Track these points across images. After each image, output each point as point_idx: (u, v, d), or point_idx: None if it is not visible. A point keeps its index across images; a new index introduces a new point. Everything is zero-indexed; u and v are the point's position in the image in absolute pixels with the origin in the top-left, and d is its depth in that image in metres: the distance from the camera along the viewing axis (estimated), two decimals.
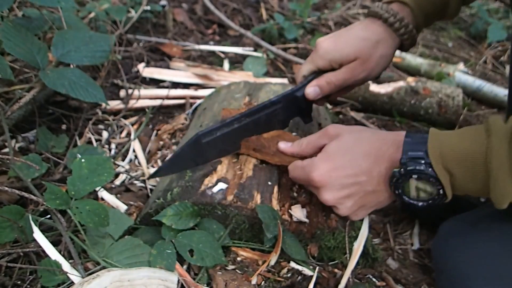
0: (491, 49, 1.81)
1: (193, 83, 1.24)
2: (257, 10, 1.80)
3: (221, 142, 0.71)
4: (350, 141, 0.63)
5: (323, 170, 0.61)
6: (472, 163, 0.52)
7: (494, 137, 0.50)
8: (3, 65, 0.69)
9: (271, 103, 0.74)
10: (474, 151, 0.52)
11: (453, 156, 0.53)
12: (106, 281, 0.55)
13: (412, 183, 0.57)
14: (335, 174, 0.61)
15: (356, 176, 0.61)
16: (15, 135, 0.88)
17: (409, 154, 0.56)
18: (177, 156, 0.71)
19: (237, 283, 0.61)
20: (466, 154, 0.52)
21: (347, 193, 0.62)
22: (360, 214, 0.66)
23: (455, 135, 0.55)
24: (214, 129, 0.70)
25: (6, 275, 0.62)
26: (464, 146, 0.53)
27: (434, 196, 0.57)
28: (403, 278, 0.73)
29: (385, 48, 0.73)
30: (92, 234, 0.65)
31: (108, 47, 0.85)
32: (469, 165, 0.52)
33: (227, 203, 0.65)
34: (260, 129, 0.75)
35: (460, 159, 0.53)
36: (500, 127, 0.51)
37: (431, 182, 0.55)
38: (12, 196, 0.74)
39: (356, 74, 0.73)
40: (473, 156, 0.52)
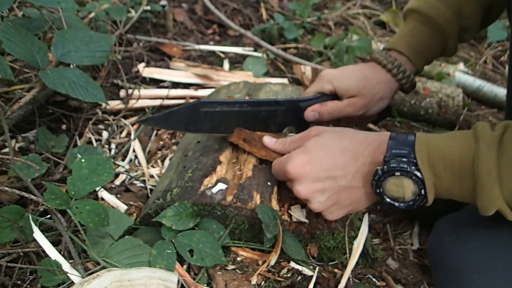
0: (491, 49, 1.81)
1: (193, 83, 1.24)
2: (257, 10, 1.80)
3: (217, 118, 0.72)
4: (330, 138, 0.63)
5: (298, 162, 0.61)
6: (459, 167, 0.52)
7: (482, 144, 0.50)
8: (3, 65, 0.69)
9: (275, 102, 0.75)
10: (461, 155, 0.52)
11: (440, 157, 0.53)
12: (106, 281, 0.55)
13: (394, 181, 0.56)
14: (309, 167, 0.61)
15: (330, 170, 0.60)
16: (15, 135, 0.88)
17: (393, 152, 0.56)
18: (171, 113, 0.71)
19: (237, 283, 0.61)
20: (453, 157, 0.52)
21: (321, 187, 0.61)
22: (335, 212, 0.64)
23: (443, 138, 0.55)
24: (215, 102, 0.71)
25: (6, 275, 0.62)
26: (452, 150, 0.53)
27: (415, 197, 0.56)
28: (403, 278, 0.73)
29: (385, 91, 0.77)
30: (92, 234, 0.65)
31: (108, 47, 0.85)
32: (456, 169, 0.52)
33: (227, 203, 0.65)
34: (256, 123, 0.75)
35: (447, 161, 0.52)
36: (488, 134, 0.51)
37: (414, 181, 0.54)
38: (12, 196, 0.74)
39: (356, 109, 0.76)
40: (460, 160, 0.52)
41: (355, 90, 0.75)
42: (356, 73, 0.77)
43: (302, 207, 0.69)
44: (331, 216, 0.65)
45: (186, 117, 0.71)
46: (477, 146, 0.50)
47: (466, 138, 0.53)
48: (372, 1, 2.07)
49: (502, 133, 0.51)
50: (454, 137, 0.54)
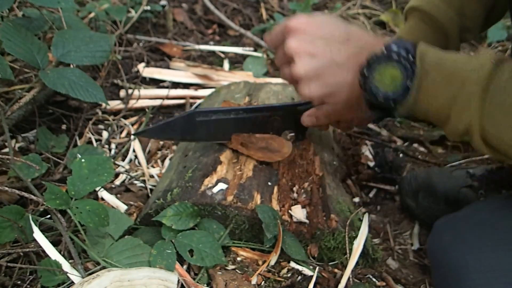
0: (491, 49, 1.80)
1: (193, 83, 1.24)
2: (257, 10, 1.80)
3: (213, 127, 0.72)
4: (337, 18, 0.62)
5: (302, 20, 0.59)
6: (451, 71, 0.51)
7: (482, 56, 0.50)
8: (3, 65, 0.69)
9: (272, 108, 0.75)
10: (457, 60, 0.51)
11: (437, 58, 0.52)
12: (106, 281, 0.55)
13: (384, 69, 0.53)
14: (311, 27, 0.58)
15: (329, 39, 0.58)
16: (15, 135, 0.88)
17: (396, 41, 0.54)
18: (167, 124, 0.71)
19: (237, 283, 0.61)
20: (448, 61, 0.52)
21: (313, 50, 0.58)
22: (313, 87, 0.60)
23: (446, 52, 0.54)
24: (210, 111, 0.71)
25: (6, 275, 0.62)
26: (450, 55, 0.52)
27: (398, 88, 0.53)
28: (403, 278, 0.73)
29: None
30: (92, 234, 0.65)
31: (108, 47, 0.85)
32: (447, 72, 0.51)
33: (227, 203, 0.65)
34: (254, 129, 0.75)
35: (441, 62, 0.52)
36: (491, 52, 0.50)
37: (406, 69, 0.52)
38: (12, 196, 0.74)
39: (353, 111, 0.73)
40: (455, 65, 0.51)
41: None
42: None
43: (303, 207, 0.69)
44: (306, 89, 0.60)
45: (182, 127, 0.71)
46: (477, 57, 0.50)
47: (467, 55, 0.52)
48: (372, 1, 2.07)
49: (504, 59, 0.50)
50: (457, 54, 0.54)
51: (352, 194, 0.91)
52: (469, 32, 0.78)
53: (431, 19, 0.76)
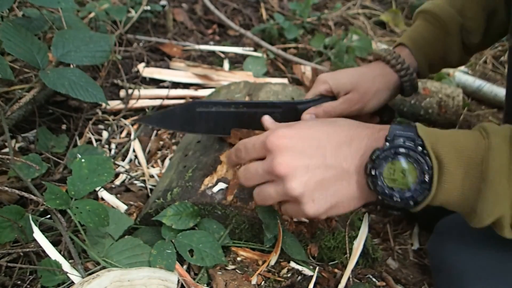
0: (491, 49, 1.80)
1: (193, 83, 1.24)
2: (257, 10, 1.80)
3: (212, 119, 0.72)
4: (323, 121, 0.58)
5: (283, 133, 0.52)
6: (467, 159, 0.45)
7: (494, 138, 0.46)
8: (3, 65, 0.69)
9: (272, 104, 0.74)
10: (470, 147, 0.46)
11: (446, 146, 0.47)
12: (106, 281, 0.55)
13: (393, 165, 0.47)
14: (295, 139, 0.52)
15: (319, 148, 0.51)
16: (15, 135, 0.88)
17: (397, 132, 0.48)
18: (167, 112, 0.71)
19: (237, 283, 0.61)
20: (462, 148, 0.46)
21: (306, 163, 0.50)
22: (317, 201, 0.51)
23: (447, 131, 0.50)
24: (211, 103, 0.71)
25: (6, 275, 0.62)
26: (459, 139, 0.47)
27: (416, 185, 0.47)
28: (403, 278, 0.73)
29: (382, 83, 0.75)
30: (92, 234, 0.65)
31: (108, 47, 0.85)
32: (463, 161, 0.46)
33: (227, 203, 0.65)
34: (253, 123, 0.75)
35: (453, 150, 0.46)
36: (499, 129, 0.47)
37: (418, 163, 0.46)
38: (12, 196, 0.74)
39: (351, 105, 0.74)
40: (469, 152, 0.46)
41: (349, 85, 0.74)
42: (351, 71, 0.77)
43: None
44: (310, 205, 0.51)
45: (181, 116, 0.71)
46: (489, 140, 0.46)
47: (473, 134, 0.48)
48: (372, 1, 2.07)
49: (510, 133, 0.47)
50: (460, 131, 0.49)
51: None
52: (471, 34, 0.78)
53: (433, 16, 0.77)
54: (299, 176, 0.50)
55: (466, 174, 0.46)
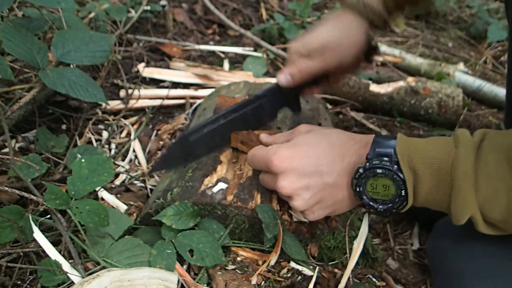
0: (491, 49, 1.81)
1: (193, 83, 1.24)
2: (257, 10, 1.80)
3: (209, 139, 0.72)
4: (318, 135, 0.62)
5: (285, 155, 0.59)
6: (438, 169, 0.52)
7: (461, 148, 0.50)
8: (3, 65, 0.69)
9: (256, 97, 0.75)
10: (441, 158, 0.52)
11: (420, 159, 0.53)
12: (106, 281, 0.55)
13: (375, 181, 0.55)
14: (296, 160, 0.59)
15: (317, 166, 0.58)
16: (15, 135, 0.88)
17: (376, 151, 0.55)
18: (165, 156, 0.73)
19: (237, 283, 0.61)
20: (433, 160, 0.52)
21: (306, 183, 0.58)
22: (317, 212, 0.61)
23: (424, 141, 0.55)
24: (200, 127, 0.71)
25: (6, 275, 0.62)
26: (432, 152, 0.52)
27: (394, 198, 0.55)
28: (403, 278, 0.73)
29: (353, 31, 0.73)
30: (92, 234, 0.65)
31: (108, 47, 0.85)
32: (434, 171, 0.52)
33: (227, 203, 0.65)
34: (249, 123, 0.75)
35: (427, 163, 0.52)
36: (467, 139, 0.51)
37: (395, 182, 0.54)
38: (12, 196, 0.74)
39: (327, 62, 0.73)
40: (440, 162, 0.51)
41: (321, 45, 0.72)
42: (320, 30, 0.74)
43: None
44: (311, 216, 0.62)
45: (179, 152, 0.72)
46: (457, 151, 0.51)
47: (447, 143, 0.53)
48: None
49: (481, 139, 0.52)
50: (435, 141, 0.54)
51: None
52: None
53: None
54: (301, 196, 0.59)
55: (438, 182, 0.52)
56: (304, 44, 0.74)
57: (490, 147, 0.50)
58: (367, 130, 1.16)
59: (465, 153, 0.50)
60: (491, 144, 0.51)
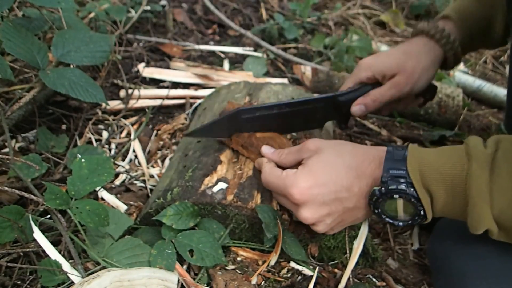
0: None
1: (193, 83, 1.24)
2: (257, 10, 1.80)
3: (257, 123, 0.74)
4: (332, 156, 0.61)
5: (305, 186, 0.58)
6: (451, 186, 0.51)
7: (474, 163, 0.50)
8: (3, 65, 0.69)
9: (312, 100, 0.76)
10: (454, 174, 0.51)
11: (433, 175, 0.52)
12: (106, 281, 0.55)
13: (393, 203, 0.56)
14: (316, 190, 0.58)
15: (337, 192, 0.58)
16: (15, 135, 0.88)
17: (390, 173, 0.55)
18: (214, 123, 0.73)
19: (237, 283, 0.61)
20: (445, 176, 0.52)
21: (328, 211, 0.59)
22: (336, 229, 0.64)
23: (435, 154, 0.54)
24: (254, 108, 0.73)
25: (6, 275, 0.62)
26: (445, 168, 0.52)
27: (414, 217, 0.56)
28: (403, 278, 0.73)
29: (428, 60, 0.73)
30: (92, 234, 0.65)
31: (108, 47, 0.84)
32: (448, 188, 0.52)
33: (227, 203, 0.65)
34: (297, 122, 0.76)
35: (440, 179, 0.52)
36: (480, 152, 0.50)
37: (412, 203, 0.54)
38: (12, 196, 0.74)
39: (400, 88, 0.72)
40: (453, 180, 0.51)
41: (395, 68, 0.71)
42: (393, 52, 0.74)
43: None
44: (331, 232, 0.64)
45: (228, 125, 0.73)
46: (470, 165, 0.50)
47: (459, 156, 0.52)
48: (372, 1, 2.07)
49: (494, 150, 0.51)
50: (447, 155, 0.54)
51: None
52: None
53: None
54: (324, 222, 0.60)
55: (453, 199, 0.52)
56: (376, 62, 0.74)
57: (504, 158, 0.50)
58: (367, 130, 1.16)
59: (479, 170, 0.49)
60: (505, 155, 0.50)
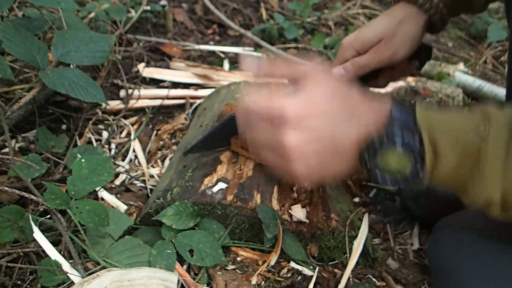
0: (491, 49, 1.80)
1: (193, 83, 1.24)
2: (257, 10, 1.80)
3: None
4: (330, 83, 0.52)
5: (301, 102, 0.48)
6: (463, 143, 0.45)
7: (494, 123, 0.45)
8: (3, 65, 0.69)
9: None
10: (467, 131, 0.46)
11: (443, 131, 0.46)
12: (106, 281, 0.55)
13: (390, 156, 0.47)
14: (312, 109, 0.48)
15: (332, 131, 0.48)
16: (15, 135, 0.88)
17: (395, 120, 0.48)
18: (211, 134, 0.72)
19: (237, 283, 0.61)
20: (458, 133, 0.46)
21: (317, 148, 0.48)
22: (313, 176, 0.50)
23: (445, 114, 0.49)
24: None
25: (6, 275, 0.62)
26: (458, 125, 0.47)
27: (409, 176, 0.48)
28: (403, 278, 0.73)
29: (410, 25, 0.70)
30: (92, 234, 0.65)
31: (108, 47, 0.84)
32: (459, 146, 0.45)
33: (227, 203, 0.65)
34: None
35: (451, 136, 0.46)
36: (501, 115, 0.46)
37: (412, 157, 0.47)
38: (12, 196, 0.74)
39: (380, 53, 0.70)
40: (466, 137, 0.45)
41: (375, 38, 0.69)
42: (373, 24, 0.72)
43: (303, 206, 0.69)
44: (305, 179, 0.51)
45: (225, 133, 0.72)
46: (489, 125, 0.45)
47: (473, 117, 0.47)
48: (372, 1, 2.07)
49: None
50: (459, 114, 0.48)
51: (352, 194, 0.91)
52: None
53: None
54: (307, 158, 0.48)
55: (460, 158, 0.46)
56: (357, 36, 0.72)
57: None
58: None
59: (499, 129, 0.45)
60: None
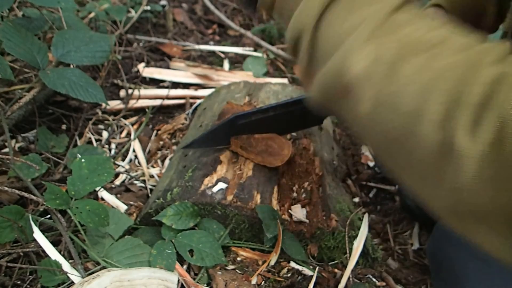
0: None
1: (193, 83, 1.24)
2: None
3: (254, 127, 0.74)
4: None
5: None
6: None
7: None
8: (3, 65, 0.69)
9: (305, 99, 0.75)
10: None
11: None
12: (106, 281, 0.55)
13: None
14: None
15: None
16: (15, 135, 0.88)
17: None
18: (211, 132, 0.73)
19: (237, 283, 0.61)
20: None
21: None
22: None
23: None
24: (250, 113, 0.73)
25: (6, 275, 0.62)
26: None
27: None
28: (403, 278, 0.73)
29: None
30: (92, 234, 0.65)
31: (108, 47, 0.84)
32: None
33: (227, 203, 0.65)
34: (294, 121, 0.76)
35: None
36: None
37: None
38: (12, 196, 0.74)
39: None
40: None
41: None
42: None
43: (302, 206, 0.69)
44: None
45: (226, 132, 0.73)
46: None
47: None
48: None
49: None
50: None
51: (352, 194, 0.91)
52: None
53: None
54: None
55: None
56: None
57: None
58: None
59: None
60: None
